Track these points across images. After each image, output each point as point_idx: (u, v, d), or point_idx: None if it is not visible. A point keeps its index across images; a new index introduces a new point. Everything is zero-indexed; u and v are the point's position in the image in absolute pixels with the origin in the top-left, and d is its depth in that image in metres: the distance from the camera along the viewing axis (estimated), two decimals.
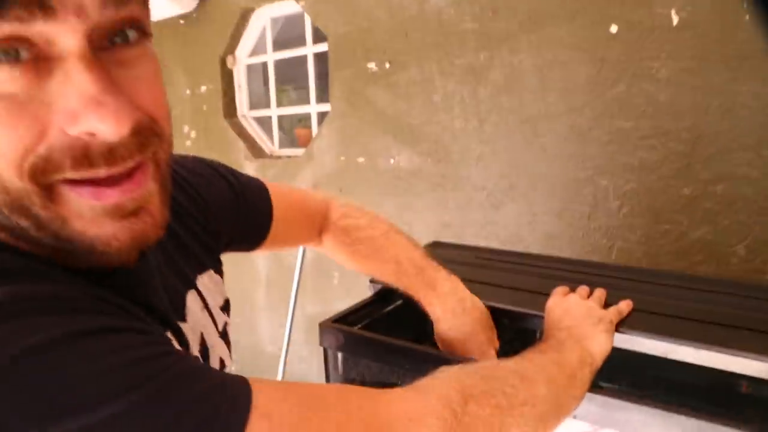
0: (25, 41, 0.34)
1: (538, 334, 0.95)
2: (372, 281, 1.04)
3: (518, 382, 0.56)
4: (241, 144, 2.35)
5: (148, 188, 0.41)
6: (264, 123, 2.50)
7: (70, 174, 0.37)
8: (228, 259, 0.70)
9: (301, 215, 0.85)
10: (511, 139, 1.61)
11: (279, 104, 2.41)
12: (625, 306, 0.78)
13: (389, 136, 1.89)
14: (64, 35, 0.34)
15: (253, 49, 2.38)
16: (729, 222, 1.29)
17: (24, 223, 0.38)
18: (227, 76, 2.39)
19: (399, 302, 1.03)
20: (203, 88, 2.42)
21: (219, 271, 0.67)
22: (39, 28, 0.34)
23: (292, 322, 2.16)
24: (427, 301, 0.85)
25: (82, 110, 0.35)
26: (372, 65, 1.87)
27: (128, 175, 0.39)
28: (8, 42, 0.33)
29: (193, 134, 2.51)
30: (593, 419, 0.66)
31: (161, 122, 0.40)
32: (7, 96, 0.34)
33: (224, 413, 0.36)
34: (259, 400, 0.38)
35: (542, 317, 0.83)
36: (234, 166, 0.57)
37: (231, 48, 2.35)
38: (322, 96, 2.24)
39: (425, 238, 1.79)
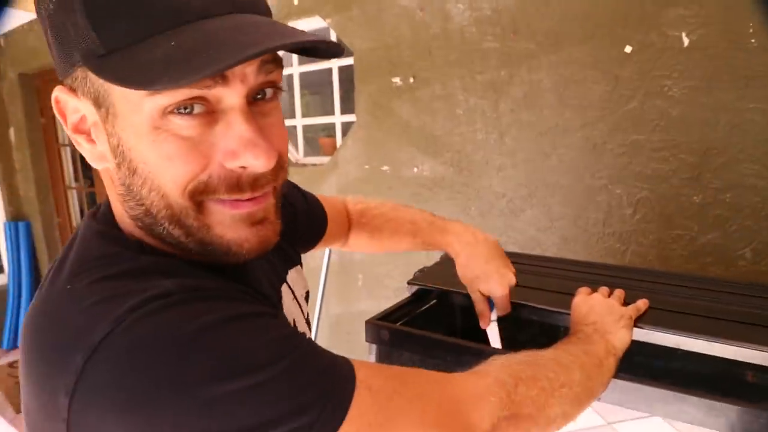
0: (202, 99, 0.45)
1: (562, 329, 1.05)
2: (409, 282, 1.15)
3: (557, 368, 0.65)
4: None
5: (270, 202, 0.52)
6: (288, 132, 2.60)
7: (223, 196, 0.48)
8: None
9: (337, 216, 0.98)
10: (529, 151, 1.71)
11: None
12: (642, 304, 0.88)
13: (413, 146, 1.99)
14: (230, 95, 0.46)
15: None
16: (737, 227, 1.38)
17: (177, 232, 0.49)
18: None
19: (433, 302, 1.13)
20: None
21: (301, 265, 0.79)
22: (214, 91, 0.45)
23: (319, 322, 2.27)
24: (445, 242, 0.97)
25: (242, 150, 0.46)
26: (397, 80, 1.98)
27: None
28: (191, 100, 0.45)
29: None
30: (616, 401, 0.76)
31: (285, 157, 0.52)
32: (185, 138, 0.46)
33: (339, 384, 0.46)
34: (360, 375, 0.48)
35: (566, 314, 0.93)
36: None
37: None
38: (345, 106, 2.35)
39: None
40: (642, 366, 0.90)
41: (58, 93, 0.50)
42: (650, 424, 1.29)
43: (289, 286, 0.72)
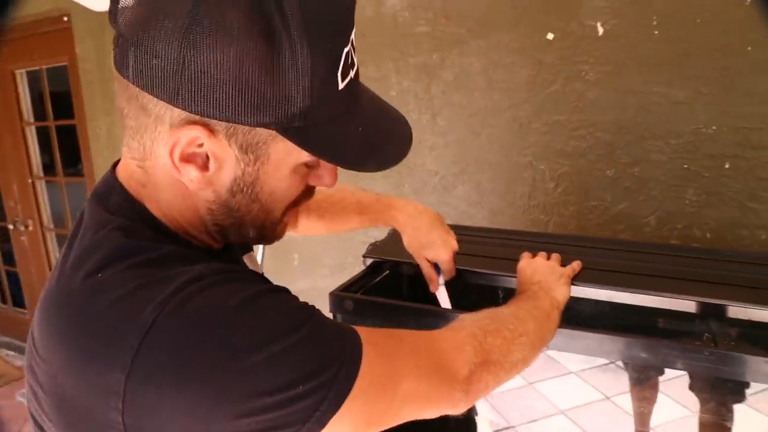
0: None
1: (500, 291, 1.17)
2: (365, 256, 1.23)
3: (515, 321, 0.76)
4: None
5: None
6: None
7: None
8: None
9: None
10: (460, 131, 1.83)
11: None
12: (576, 265, 1.01)
13: None
14: None
15: None
16: (644, 198, 1.57)
17: (252, 232, 0.61)
18: None
19: (386, 273, 1.22)
20: None
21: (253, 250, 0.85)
22: None
23: None
24: (391, 217, 1.06)
25: (328, 177, 0.61)
26: None
27: None
28: None
29: None
30: (562, 346, 0.88)
31: None
32: (297, 174, 0.58)
33: (350, 344, 0.54)
34: (363, 335, 0.56)
35: (505, 276, 1.05)
36: None
37: None
38: None
39: None
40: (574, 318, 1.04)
41: (190, 132, 0.51)
42: (567, 381, 1.45)
43: None
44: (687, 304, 0.92)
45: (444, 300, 1.07)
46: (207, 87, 0.47)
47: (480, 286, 1.14)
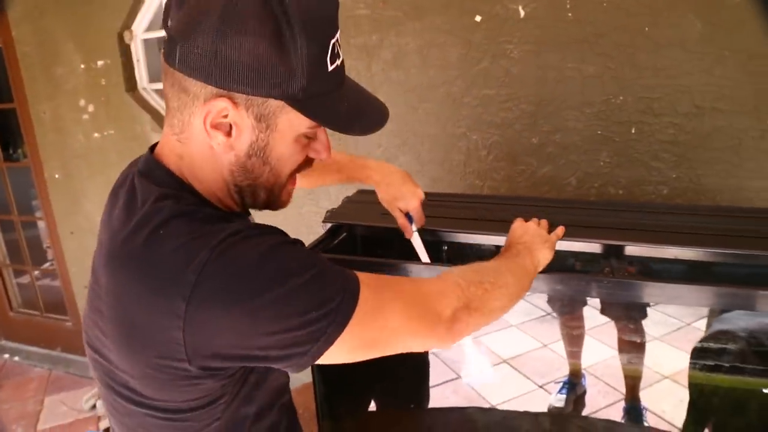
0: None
1: (467, 247, 1.33)
2: (324, 221, 1.38)
3: (496, 275, 0.86)
4: (146, 116, 2.47)
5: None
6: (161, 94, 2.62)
7: (298, 174, 0.75)
8: None
9: None
10: (399, 105, 1.98)
11: None
12: (560, 230, 1.10)
13: None
14: None
15: (149, 24, 2.48)
16: (564, 161, 1.77)
17: (263, 195, 0.75)
18: (126, 51, 2.48)
19: (344, 235, 1.37)
20: (100, 63, 2.50)
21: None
22: None
23: None
24: (366, 176, 1.23)
25: (324, 151, 0.73)
26: None
27: None
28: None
29: (90, 108, 2.58)
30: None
31: None
32: (299, 144, 0.71)
33: (350, 281, 0.69)
34: (359, 276, 0.70)
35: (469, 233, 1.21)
36: (140, 138, 0.75)
37: (127, 24, 2.44)
38: None
39: (336, 191, 2.14)
40: None
41: (219, 103, 0.65)
42: (508, 333, 1.64)
43: None
44: (594, 247, 1.12)
45: (419, 245, 1.20)
46: (232, 68, 0.63)
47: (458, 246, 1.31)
